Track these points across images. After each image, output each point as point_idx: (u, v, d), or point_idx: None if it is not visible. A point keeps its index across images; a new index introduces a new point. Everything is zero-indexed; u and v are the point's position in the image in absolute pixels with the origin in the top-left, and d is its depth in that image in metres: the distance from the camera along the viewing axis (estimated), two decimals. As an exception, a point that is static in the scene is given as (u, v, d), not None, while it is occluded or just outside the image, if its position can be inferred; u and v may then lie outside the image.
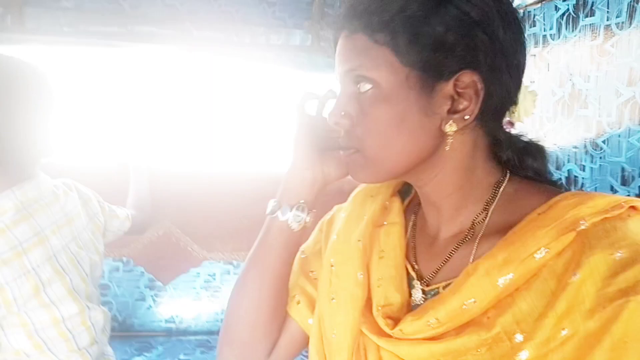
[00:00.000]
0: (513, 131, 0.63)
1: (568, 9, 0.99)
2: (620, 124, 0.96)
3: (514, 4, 1.10)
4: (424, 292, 0.61)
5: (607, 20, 0.93)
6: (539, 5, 1.07)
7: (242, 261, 1.59)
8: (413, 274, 0.63)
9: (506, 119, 0.61)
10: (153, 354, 1.38)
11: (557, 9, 1.03)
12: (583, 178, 0.99)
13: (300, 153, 0.68)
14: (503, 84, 0.55)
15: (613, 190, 0.97)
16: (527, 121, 1.03)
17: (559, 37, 1.04)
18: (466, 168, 0.59)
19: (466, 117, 0.54)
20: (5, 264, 0.97)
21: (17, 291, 0.99)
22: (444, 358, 0.52)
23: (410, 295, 0.62)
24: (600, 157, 0.99)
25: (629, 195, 0.89)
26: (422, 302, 0.60)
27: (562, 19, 1.02)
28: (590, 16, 0.95)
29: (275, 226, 0.68)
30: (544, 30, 1.06)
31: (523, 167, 0.61)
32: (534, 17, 1.08)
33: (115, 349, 1.33)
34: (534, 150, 0.62)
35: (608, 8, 0.93)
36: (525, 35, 1.15)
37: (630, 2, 0.90)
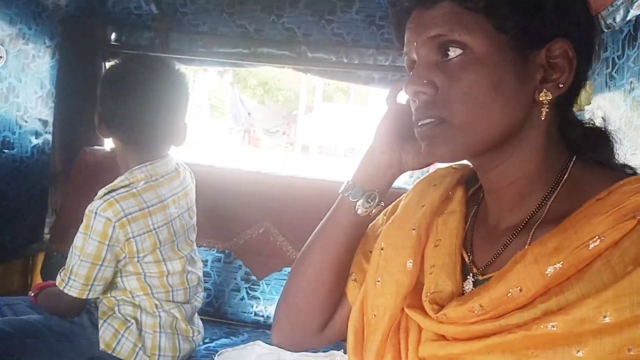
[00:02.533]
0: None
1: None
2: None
3: (628, 18, 1.04)
4: (476, 281, 0.59)
5: None
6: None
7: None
8: (469, 263, 0.61)
9: None
10: (238, 339, 1.47)
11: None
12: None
13: (382, 137, 0.68)
14: (587, 58, 0.54)
15: None
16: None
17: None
18: (540, 148, 0.56)
19: (560, 84, 0.53)
20: (135, 222, 1.17)
21: (140, 245, 1.19)
22: (484, 336, 0.51)
23: (463, 284, 0.60)
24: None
25: None
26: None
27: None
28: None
29: (344, 205, 0.69)
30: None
31: (590, 150, 0.57)
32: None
33: (206, 329, 1.45)
34: (599, 135, 0.58)
35: None
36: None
37: None
